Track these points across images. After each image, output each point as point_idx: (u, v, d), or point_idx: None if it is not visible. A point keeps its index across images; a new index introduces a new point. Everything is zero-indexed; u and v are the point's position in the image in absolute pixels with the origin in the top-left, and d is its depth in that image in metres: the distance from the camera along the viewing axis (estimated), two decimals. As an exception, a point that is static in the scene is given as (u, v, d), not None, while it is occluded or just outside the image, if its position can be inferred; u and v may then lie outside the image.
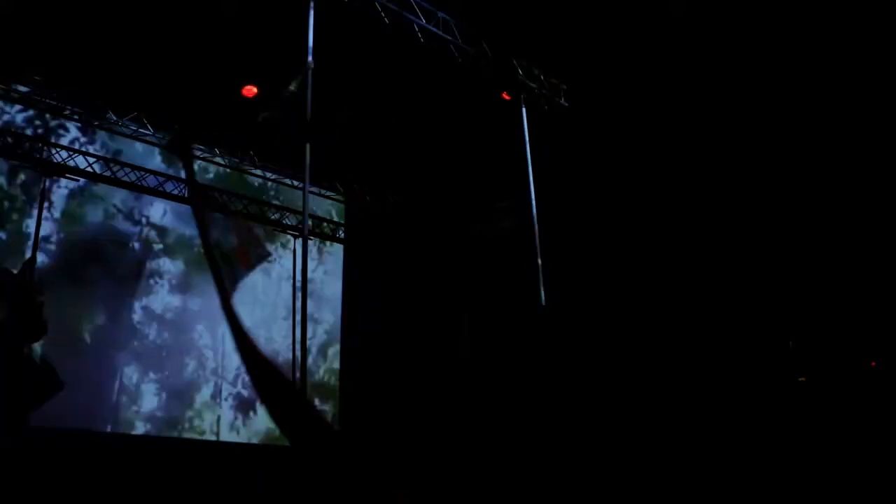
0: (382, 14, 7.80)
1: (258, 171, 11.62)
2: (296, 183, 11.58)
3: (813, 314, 8.10)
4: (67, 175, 9.73)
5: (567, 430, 8.18)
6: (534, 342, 8.40)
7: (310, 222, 7.98)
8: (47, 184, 9.39)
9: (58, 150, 9.84)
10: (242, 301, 8.97)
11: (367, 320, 11.83)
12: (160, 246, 10.63)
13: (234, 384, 10.68)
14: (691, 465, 7.99)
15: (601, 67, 8.87)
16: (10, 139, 9.48)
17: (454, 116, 9.79)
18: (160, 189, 10.69)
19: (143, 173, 10.50)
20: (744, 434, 7.95)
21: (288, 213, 11.76)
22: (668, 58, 8.43)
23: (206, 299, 10.51)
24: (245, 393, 10.58)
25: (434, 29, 8.10)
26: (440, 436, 10.30)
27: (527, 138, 8.70)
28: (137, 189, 10.47)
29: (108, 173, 10.23)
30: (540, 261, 8.20)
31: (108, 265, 9.92)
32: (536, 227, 8.31)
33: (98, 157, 10.15)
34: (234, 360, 10.52)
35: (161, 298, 10.50)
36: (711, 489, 7.73)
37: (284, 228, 11.64)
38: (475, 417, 10.10)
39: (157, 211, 10.70)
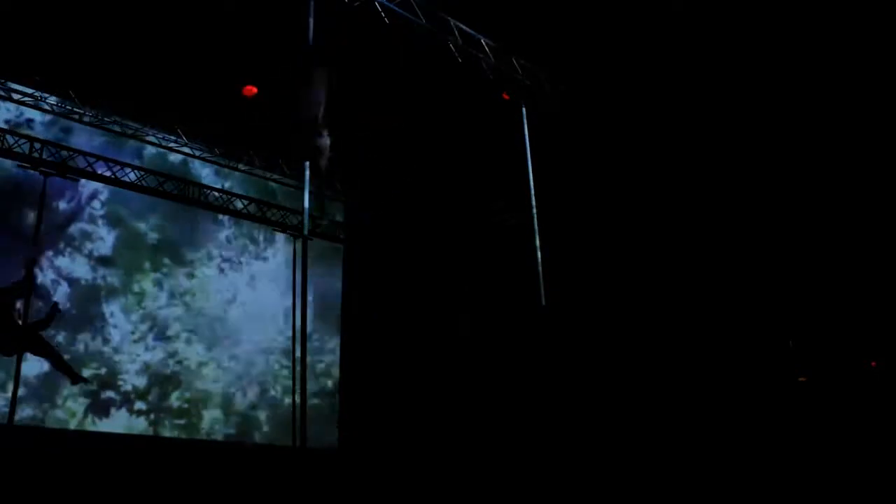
0: (382, 14, 7.80)
1: (258, 171, 11.63)
2: (296, 183, 11.59)
3: (813, 314, 8.10)
4: (68, 175, 9.74)
5: (567, 429, 8.17)
6: (534, 341, 8.40)
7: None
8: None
9: (58, 150, 9.86)
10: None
11: (368, 319, 11.82)
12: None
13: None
14: (691, 464, 7.98)
15: (601, 67, 8.86)
16: (10, 139, 9.50)
17: (454, 116, 9.78)
18: (160, 189, 10.71)
19: (143, 173, 10.53)
20: (744, 433, 7.95)
21: (288, 213, 11.79)
22: (667, 57, 8.43)
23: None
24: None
25: (434, 29, 8.09)
26: (440, 433, 10.29)
27: (527, 138, 8.71)
28: (138, 189, 10.49)
29: (108, 173, 10.25)
30: (540, 260, 8.21)
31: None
32: (536, 226, 8.31)
33: (98, 157, 10.17)
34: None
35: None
36: (711, 488, 7.73)
37: (284, 228, 11.65)
38: (475, 415, 10.09)
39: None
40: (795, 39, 7.78)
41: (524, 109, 8.83)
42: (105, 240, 10.45)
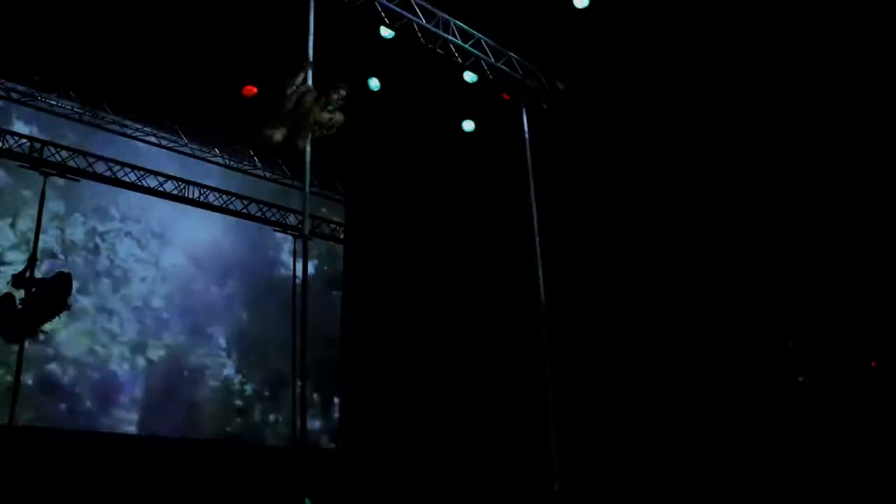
0: (382, 14, 7.81)
1: (258, 172, 11.63)
2: (296, 183, 11.58)
3: (813, 314, 8.09)
4: (67, 175, 9.73)
5: (567, 427, 8.17)
6: (533, 339, 8.40)
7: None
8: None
9: (58, 150, 9.85)
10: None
11: (367, 318, 11.83)
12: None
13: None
14: (690, 463, 7.99)
15: (601, 66, 8.87)
16: (10, 139, 9.49)
17: (454, 116, 9.79)
18: (160, 189, 10.71)
19: (142, 173, 10.52)
20: (744, 433, 7.95)
21: (288, 213, 11.79)
22: (666, 56, 8.43)
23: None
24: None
25: (434, 29, 8.10)
26: (441, 432, 10.29)
27: (527, 137, 8.71)
28: (137, 189, 10.49)
29: (107, 173, 10.25)
30: (539, 259, 8.21)
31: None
32: (536, 225, 8.31)
33: (98, 157, 10.16)
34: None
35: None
36: (711, 488, 7.73)
37: (285, 228, 11.65)
38: (476, 414, 10.09)
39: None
40: (795, 39, 7.78)
41: (524, 109, 8.84)
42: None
